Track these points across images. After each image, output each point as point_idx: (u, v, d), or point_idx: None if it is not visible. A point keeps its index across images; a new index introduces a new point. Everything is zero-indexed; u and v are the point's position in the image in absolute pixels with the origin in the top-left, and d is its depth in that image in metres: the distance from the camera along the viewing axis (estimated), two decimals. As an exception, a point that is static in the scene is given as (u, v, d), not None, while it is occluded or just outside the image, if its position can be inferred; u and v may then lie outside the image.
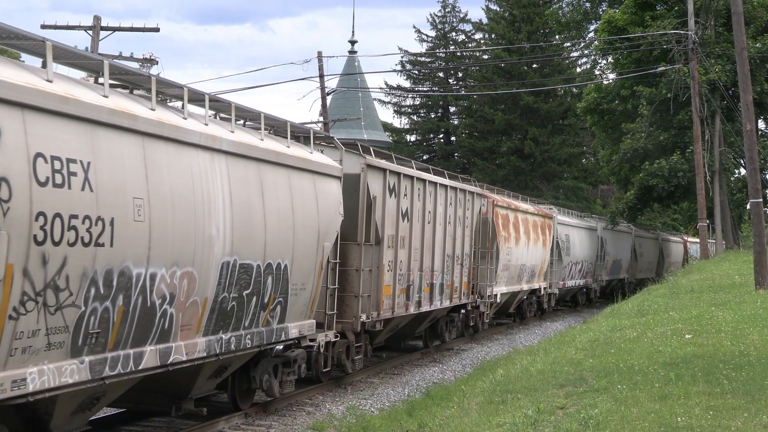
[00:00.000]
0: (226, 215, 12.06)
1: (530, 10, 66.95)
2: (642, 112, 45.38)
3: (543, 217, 34.62)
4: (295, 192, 14.13)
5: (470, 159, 68.79)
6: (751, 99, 23.24)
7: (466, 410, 12.52)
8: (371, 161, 17.81)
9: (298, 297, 14.45)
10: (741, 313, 17.63)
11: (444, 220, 22.20)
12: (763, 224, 22.94)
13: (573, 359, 14.62)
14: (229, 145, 12.30)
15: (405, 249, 19.52)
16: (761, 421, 9.30)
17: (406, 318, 20.55)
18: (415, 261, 20.20)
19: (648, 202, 47.48)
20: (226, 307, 12.35)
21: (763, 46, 41.63)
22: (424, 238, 20.65)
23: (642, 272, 53.69)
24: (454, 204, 22.98)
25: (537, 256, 33.02)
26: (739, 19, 22.91)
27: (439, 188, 21.82)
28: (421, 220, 20.49)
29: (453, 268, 23.11)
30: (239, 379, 14.43)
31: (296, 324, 14.59)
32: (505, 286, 29.09)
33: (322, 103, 39.71)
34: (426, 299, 21.10)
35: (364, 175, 17.49)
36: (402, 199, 19.22)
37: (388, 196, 18.50)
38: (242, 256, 12.53)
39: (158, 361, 10.90)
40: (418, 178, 20.30)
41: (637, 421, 9.51)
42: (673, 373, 11.84)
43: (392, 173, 18.76)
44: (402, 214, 19.22)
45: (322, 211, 15.02)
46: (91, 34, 31.55)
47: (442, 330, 24.45)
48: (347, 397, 17.36)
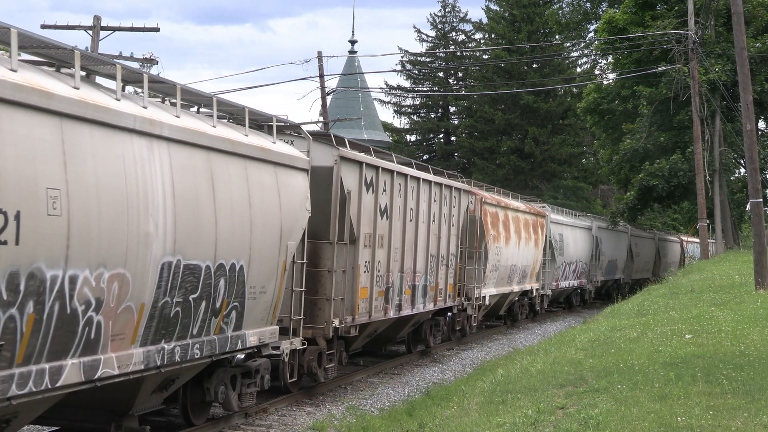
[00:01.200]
0: (167, 210, 10.70)
1: (530, 10, 66.97)
2: (642, 112, 45.42)
3: (535, 215, 33.38)
4: (253, 185, 12.77)
5: (470, 159, 68.79)
6: (751, 99, 23.24)
7: (466, 410, 12.52)
8: (345, 153, 16.43)
9: (257, 301, 13.12)
10: (741, 313, 17.63)
11: (428, 218, 20.87)
12: (763, 224, 22.95)
13: (573, 359, 14.62)
14: (171, 130, 10.92)
15: (384, 248, 18.24)
16: (761, 421, 9.30)
17: (385, 322, 19.27)
18: (396, 261, 18.90)
19: (648, 203, 47.50)
20: (169, 314, 10.96)
21: (763, 46, 41.64)
22: (405, 236, 19.37)
23: (638, 272, 52.73)
24: (438, 201, 21.65)
25: (529, 256, 31.78)
26: (739, 19, 22.91)
27: (423, 184, 20.41)
28: (402, 217, 19.17)
29: (437, 269, 21.81)
30: (192, 391, 13.16)
31: (256, 331, 13.24)
32: (494, 288, 27.94)
33: (322, 103, 39.71)
34: (407, 302, 19.81)
35: (337, 168, 16.13)
36: (380, 195, 17.84)
37: (365, 191, 17.11)
38: (188, 256, 11.18)
39: (82, 376, 9.49)
40: (399, 172, 18.93)
41: (637, 421, 9.51)
42: (673, 373, 11.85)
43: (369, 167, 17.36)
44: (380, 210, 17.91)
45: (286, 206, 13.66)
46: (91, 34, 31.54)
47: (426, 334, 23.18)
48: (347, 397, 17.36)
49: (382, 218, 18.04)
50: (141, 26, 32.40)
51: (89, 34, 31.64)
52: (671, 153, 43.67)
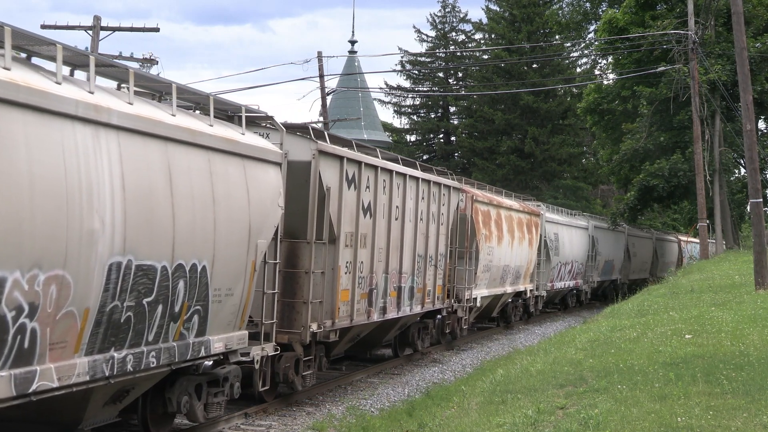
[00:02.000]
0: (116, 205, 9.67)
1: (530, 10, 67.00)
2: (642, 112, 45.43)
3: (529, 214, 32.31)
4: (218, 179, 11.79)
5: (470, 159, 68.82)
6: (751, 99, 23.24)
7: (466, 410, 12.52)
8: (324, 147, 15.43)
9: (223, 304, 12.14)
10: (741, 313, 17.63)
11: (415, 216, 19.99)
12: (763, 224, 22.94)
13: (573, 359, 14.62)
14: (121, 118, 9.86)
15: (367, 248, 17.30)
16: (761, 421, 9.30)
17: (369, 326, 18.36)
18: (380, 262, 18.01)
19: (648, 203, 47.53)
20: (119, 319, 9.92)
21: (763, 46, 41.65)
22: (390, 236, 18.47)
23: (635, 273, 51.98)
24: (426, 198, 20.70)
25: (522, 256, 30.75)
26: (739, 19, 22.91)
27: (409, 180, 19.48)
28: (386, 215, 18.28)
29: (425, 270, 20.88)
30: (152, 402, 12.15)
31: (222, 336, 12.23)
32: (486, 289, 26.97)
33: (322, 103, 39.72)
34: (392, 305, 18.92)
35: (315, 163, 15.14)
36: (363, 192, 16.96)
37: (346, 187, 16.20)
38: (141, 256, 10.16)
39: (13, 390, 8.51)
40: (384, 168, 18.01)
41: (637, 421, 9.51)
42: (673, 373, 11.85)
43: (351, 161, 16.42)
44: (363, 208, 16.99)
45: (255, 202, 12.69)
46: (91, 34, 31.55)
47: (413, 338, 22.23)
48: (347, 397, 17.36)
49: (365, 216, 17.15)
50: (141, 26, 32.42)
51: (89, 34, 31.65)
52: (671, 153, 43.69)
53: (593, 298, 46.26)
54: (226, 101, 13.42)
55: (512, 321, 32.32)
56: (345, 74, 58.62)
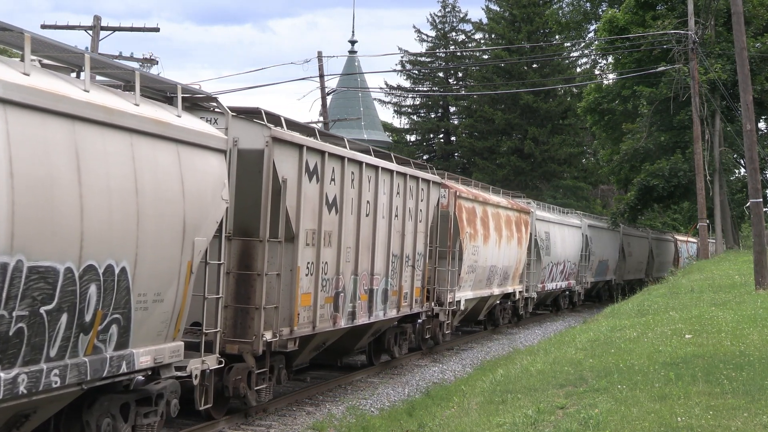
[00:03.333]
0: (0, 194, 8.23)
1: (530, 10, 67.03)
2: (642, 112, 45.44)
3: (518, 211, 30.50)
4: (143, 166, 10.17)
5: (470, 159, 68.85)
6: (751, 99, 23.25)
7: (466, 410, 12.52)
8: (279, 134, 13.84)
9: (150, 312, 10.48)
10: (741, 313, 17.64)
11: (389, 213, 18.45)
12: (763, 224, 22.95)
13: (573, 359, 14.62)
14: (8, 89, 8.36)
15: (332, 247, 15.75)
16: (761, 421, 9.31)
17: (336, 333, 16.81)
18: (348, 262, 16.45)
19: (648, 203, 47.55)
20: (6, 332, 8.36)
21: (764, 46, 41.67)
22: (360, 234, 16.93)
23: (631, 273, 50.57)
24: (402, 193, 19.16)
25: (511, 256, 29.14)
26: (739, 19, 22.92)
27: (382, 173, 17.89)
28: (355, 211, 16.77)
29: (401, 271, 19.32)
30: (67, 426, 10.41)
31: (149, 349, 10.55)
32: (470, 291, 25.29)
33: (322, 103, 39.73)
34: (363, 309, 17.37)
35: (269, 151, 13.54)
36: (328, 185, 15.43)
37: (307, 179, 14.65)
38: (35, 255, 8.57)
39: None
40: (351, 159, 16.42)
41: (637, 421, 9.52)
42: (673, 373, 11.85)
43: (312, 151, 14.85)
44: (328, 203, 15.47)
45: (192, 194, 11.14)
46: (91, 34, 31.57)
47: (389, 344, 20.65)
48: (347, 397, 17.36)
49: (330, 212, 15.60)
50: (141, 26, 32.44)
51: (89, 34, 31.68)
52: (671, 153, 43.71)
53: (587, 299, 44.97)
54: (161, 79, 11.83)
55: (500, 324, 30.78)
56: (345, 74, 58.63)
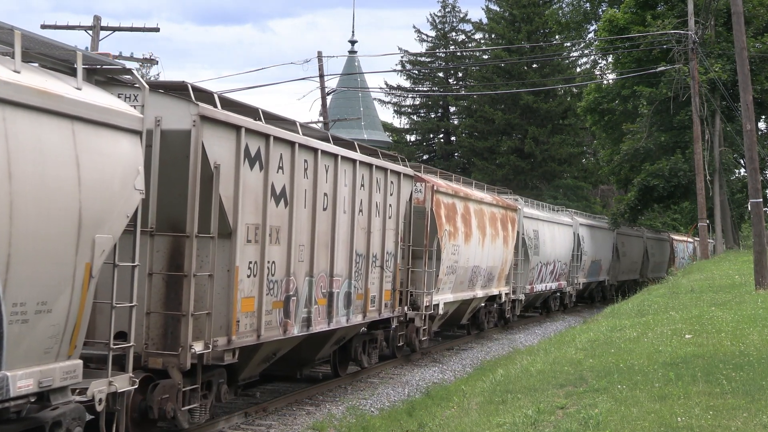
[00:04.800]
0: None
1: (530, 10, 67.06)
2: (642, 112, 45.46)
3: (504, 208, 28.68)
4: (21, 146, 8.45)
5: (470, 159, 68.88)
6: (751, 99, 23.26)
7: (466, 410, 12.52)
8: (210, 112, 12.01)
9: (32, 325, 8.69)
10: (741, 313, 17.64)
11: (351, 207, 16.64)
12: (763, 224, 22.95)
13: (573, 359, 14.63)
14: None
15: (281, 245, 13.87)
16: (761, 421, 9.31)
17: (288, 342, 14.83)
18: (301, 262, 14.60)
19: (648, 203, 47.55)
20: None
21: (764, 46, 41.68)
22: (315, 230, 15.04)
23: (625, 274, 49.07)
24: (368, 186, 17.34)
25: (496, 256, 27.29)
26: (739, 19, 22.92)
27: (342, 162, 16.02)
28: (310, 204, 14.89)
29: (368, 272, 17.53)
30: None
31: (33, 370, 8.73)
32: (451, 294, 23.54)
33: (322, 103, 39.73)
34: (321, 315, 15.50)
35: (196, 132, 11.74)
36: (274, 174, 13.55)
37: (248, 166, 12.87)
38: None
39: None
40: (304, 145, 14.53)
41: (637, 421, 9.52)
42: (673, 373, 11.86)
43: (254, 134, 13.04)
44: (275, 194, 13.63)
45: (92, 182, 9.33)
46: (91, 34, 31.57)
47: (357, 353, 18.79)
48: (347, 397, 17.36)
49: (278, 204, 13.78)
50: (141, 26, 32.45)
51: (89, 34, 31.68)
52: (671, 153, 43.74)
53: (579, 300, 43.32)
54: (57, 44, 9.74)
55: (485, 328, 28.84)
56: (345, 74, 58.65)
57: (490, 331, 29.47)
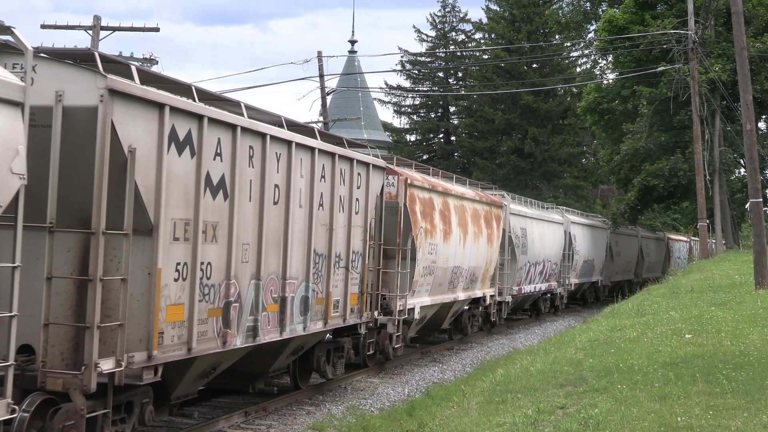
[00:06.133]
0: None
1: (530, 10, 67.10)
2: (642, 112, 45.49)
3: (488, 205, 26.88)
4: None
5: (470, 159, 68.91)
6: (751, 99, 23.28)
7: (466, 410, 12.53)
8: (122, 86, 10.04)
9: None
10: (741, 313, 17.65)
11: (309, 201, 14.85)
12: (763, 224, 22.96)
13: (573, 359, 14.63)
14: None
15: (219, 243, 12.12)
16: (761, 421, 9.31)
17: (230, 355, 13.09)
18: (245, 263, 12.84)
19: (648, 203, 47.56)
20: None
21: (764, 46, 41.70)
22: (263, 226, 13.25)
23: (619, 274, 47.74)
24: (329, 178, 15.60)
25: (479, 256, 25.52)
26: (739, 19, 22.92)
27: (297, 150, 14.22)
28: (257, 197, 13.16)
29: (329, 274, 15.74)
30: None
31: None
32: (428, 297, 21.91)
33: (322, 103, 39.73)
34: (271, 323, 13.67)
35: (105, 109, 9.83)
36: (210, 161, 11.81)
37: (175, 152, 11.03)
38: None
39: None
40: (249, 129, 12.78)
41: (637, 420, 9.52)
42: (673, 372, 11.86)
43: (182, 114, 11.14)
44: (211, 185, 11.90)
45: None
46: (91, 34, 31.58)
47: (320, 363, 16.92)
48: (347, 397, 17.36)
49: (216, 197, 12.03)
50: (141, 26, 32.46)
51: (89, 34, 31.68)
52: (671, 153, 43.75)
53: (571, 302, 41.67)
54: None
55: (469, 333, 27.21)
56: (345, 74, 58.66)
57: (475, 336, 27.98)
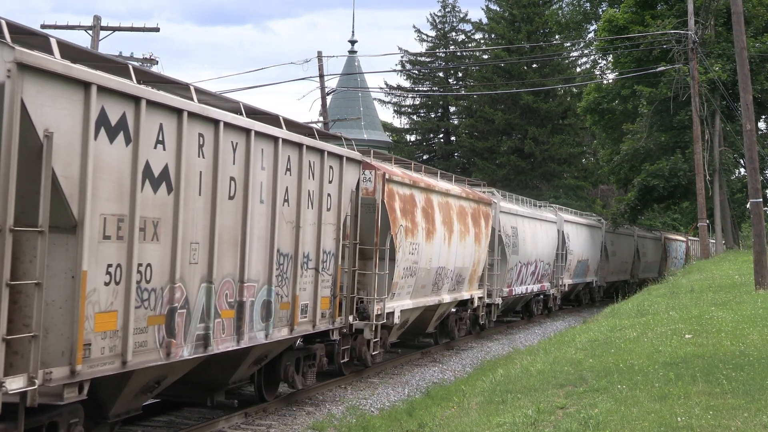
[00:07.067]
0: None
1: (530, 10, 67.10)
2: (642, 112, 45.51)
3: (476, 202, 25.35)
4: None
5: (470, 159, 68.93)
6: (751, 99, 23.28)
7: (466, 410, 12.53)
8: (35, 59, 8.84)
9: None
10: (741, 313, 17.65)
11: (272, 196, 13.58)
12: (763, 224, 22.96)
13: (573, 359, 14.63)
14: None
15: (163, 242, 10.83)
16: (761, 421, 9.31)
17: (177, 367, 11.80)
18: (193, 264, 11.57)
19: (648, 203, 47.59)
20: None
21: (763, 46, 41.71)
22: (216, 223, 11.97)
23: (614, 274, 46.70)
24: (296, 171, 14.32)
25: (466, 256, 24.14)
26: (739, 19, 22.92)
27: (258, 140, 13.01)
28: (208, 191, 11.85)
29: (296, 276, 14.44)
30: None
31: None
32: (410, 299, 20.60)
33: (322, 103, 39.72)
34: (226, 331, 12.39)
35: (13, 87, 8.63)
36: (149, 150, 10.51)
37: (105, 138, 9.75)
38: None
39: None
40: (197, 114, 11.47)
41: (637, 421, 9.52)
42: (673, 373, 11.86)
43: (115, 95, 9.88)
44: (151, 177, 10.60)
45: None
46: (91, 34, 31.59)
47: (287, 372, 15.56)
48: (347, 397, 17.36)
49: (157, 190, 10.73)
50: (141, 26, 32.48)
51: (89, 34, 31.70)
52: (671, 153, 43.76)
53: (565, 303, 40.64)
54: None
55: (456, 337, 25.70)
56: (345, 74, 58.62)
57: (462, 340, 26.62)
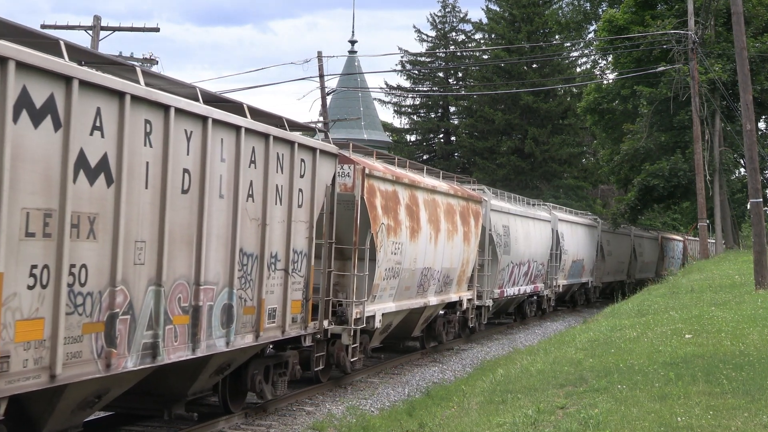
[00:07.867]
0: None
1: (530, 10, 67.11)
2: (642, 112, 45.52)
3: (465, 199, 24.08)
4: None
5: (470, 159, 68.94)
6: (751, 99, 23.28)
7: (466, 410, 12.53)
8: None
9: None
10: (741, 313, 17.65)
11: (234, 191, 12.50)
12: (763, 224, 22.96)
13: (573, 359, 14.63)
14: None
15: (99, 240, 9.73)
16: (761, 421, 9.31)
17: (120, 379, 10.70)
18: (139, 265, 10.46)
19: (648, 203, 47.59)
20: None
21: (763, 46, 41.70)
22: (166, 219, 10.88)
23: (610, 275, 45.61)
24: (262, 163, 13.24)
25: (455, 256, 22.94)
26: (739, 19, 22.92)
27: (217, 129, 11.95)
28: (157, 184, 10.76)
29: (262, 277, 13.36)
30: None
31: None
32: (392, 302, 19.41)
33: (322, 103, 39.71)
34: (179, 338, 11.31)
35: None
36: (84, 136, 9.45)
37: (29, 122, 8.78)
38: None
39: None
40: (143, 98, 10.35)
41: (637, 420, 9.52)
42: (673, 372, 11.86)
43: (41, 74, 8.89)
44: (86, 166, 9.53)
45: None
46: (91, 34, 31.58)
47: (255, 381, 14.39)
48: (347, 397, 17.36)
49: (94, 182, 9.65)
50: (141, 26, 32.47)
51: (89, 35, 31.69)
52: (671, 153, 43.77)
53: (559, 304, 39.58)
54: None
55: (444, 341, 24.39)
56: (345, 74, 58.64)
57: (451, 344, 25.45)
